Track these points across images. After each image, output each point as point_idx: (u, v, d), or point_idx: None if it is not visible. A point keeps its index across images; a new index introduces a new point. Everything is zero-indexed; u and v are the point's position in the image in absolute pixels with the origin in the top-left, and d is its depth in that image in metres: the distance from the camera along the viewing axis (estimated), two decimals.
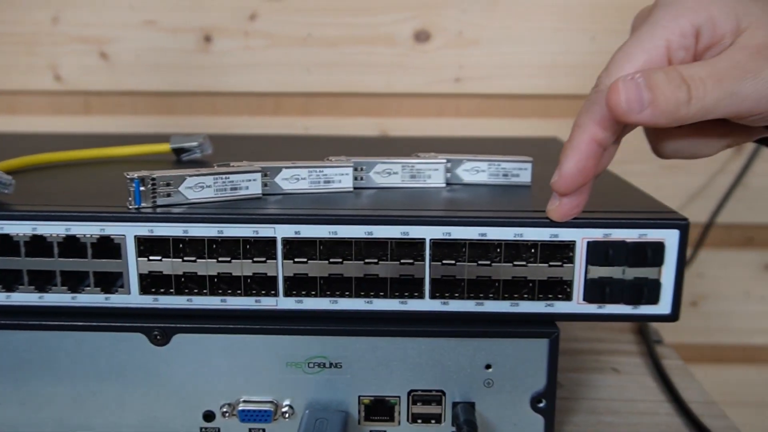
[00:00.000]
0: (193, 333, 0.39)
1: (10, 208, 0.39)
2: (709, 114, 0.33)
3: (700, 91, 0.33)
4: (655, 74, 0.33)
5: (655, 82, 0.33)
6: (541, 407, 0.40)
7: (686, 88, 0.33)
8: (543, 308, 0.39)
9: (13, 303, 0.39)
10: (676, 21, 0.34)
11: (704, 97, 0.33)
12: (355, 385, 0.39)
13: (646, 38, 0.35)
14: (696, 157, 0.40)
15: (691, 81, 0.33)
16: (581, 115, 0.37)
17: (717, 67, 0.33)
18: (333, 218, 0.38)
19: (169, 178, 0.39)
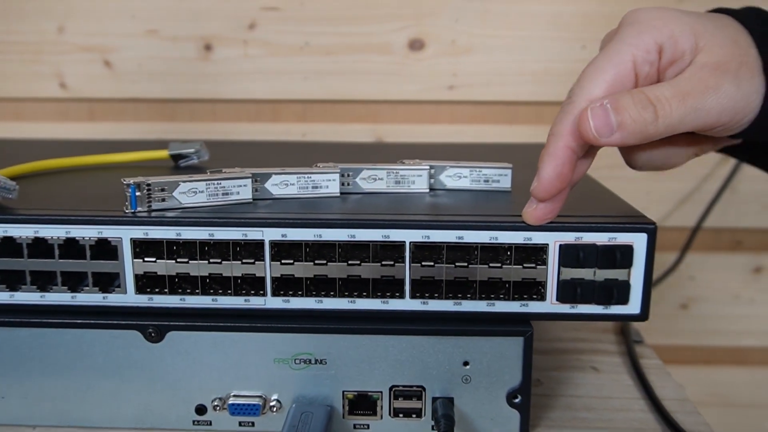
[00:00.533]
0: (186, 330, 0.41)
1: (13, 211, 0.41)
2: (676, 129, 0.36)
3: (666, 110, 0.35)
4: (622, 98, 0.35)
5: (622, 105, 0.35)
6: (516, 402, 0.41)
7: (652, 108, 0.35)
8: (518, 308, 0.40)
9: (16, 302, 0.41)
10: (641, 38, 0.36)
11: (670, 114, 0.35)
12: (339, 380, 0.41)
13: (614, 53, 0.37)
14: (667, 168, 0.42)
15: (656, 101, 0.35)
16: (556, 124, 0.39)
17: (681, 85, 0.35)
18: (318, 222, 0.40)
19: (163, 183, 0.41)
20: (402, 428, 0.42)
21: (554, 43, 0.79)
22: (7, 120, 0.84)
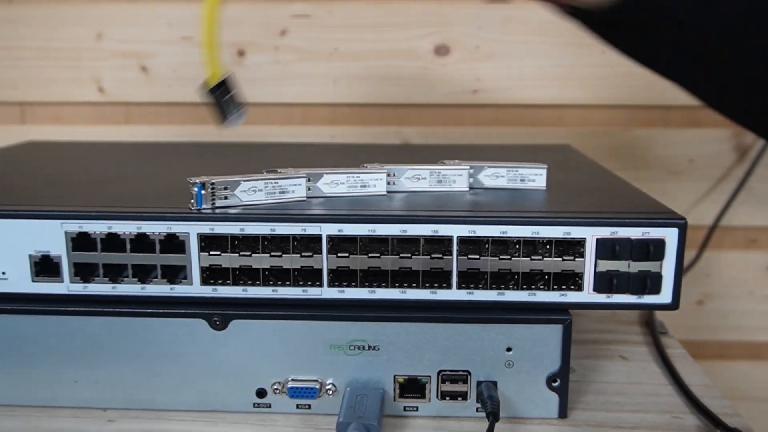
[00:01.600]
0: (248, 319, 0.44)
1: (88, 208, 0.44)
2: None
3: None
4: None
5: None
6: (555, 386, 0.44)
7: None
8: (557, 298, 0.43)
9: (90, 293, 0.44)
10: None
11: None
12: (390, 365, 0.44)
13: None
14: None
15: None
16: None
17: None
18: (371, 218, 0.43)
19: (226, 182, 0.44)
20: (448, 410, 0.45)
21: (573, 48, 0.82)
22: (47, 123, 0.88)
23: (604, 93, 0.83)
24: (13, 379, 0.46)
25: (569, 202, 0.48)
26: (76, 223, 0.44)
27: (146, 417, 0.45)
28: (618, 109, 0.84)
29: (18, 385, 0.46)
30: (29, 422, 0.45)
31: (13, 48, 0.85)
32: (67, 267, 0.44)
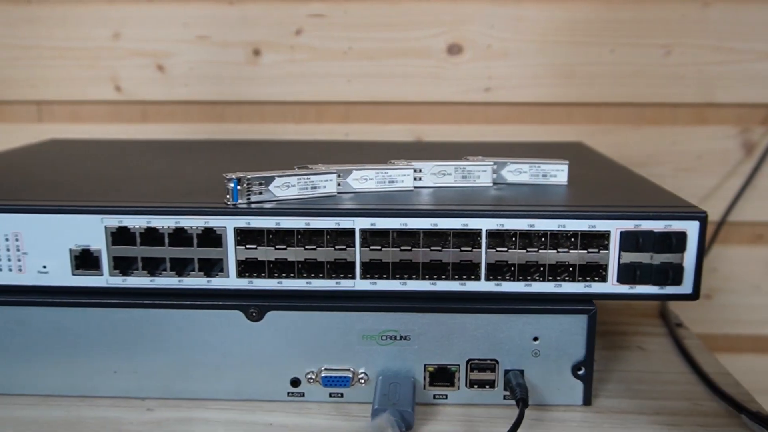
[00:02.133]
0: (284, 310, 0.46)
1: (128, 203, 0.45)
2: None
3: None
4: None
5: None
6: (580, 374, 0.46)
7: None
8: (582, 288, 0.45)
9: (129, 286, 0.46)
10: None
11: None
12: (421, 354, 0.46)
13: None
14: None
15: None
16: None
17: None
18: (403, 212, 0.44)
19: (260, 178, 0.46)
20: (477, 398, 0.47)
21: (583, 47, 0.84)
22: (64, 121, 0.89)
23: (613, 91, 0.85)
24: (54, 369, 0.47)
25: (591, 196, 0.49)
26: (116, 217, 0.45)
27: (184, 406, 0.47)
28: (627, 107, 0.86)
29: (59, 376, 0.47)
30: (71, 411, 0.46)
31: (31, 47, 0.86)
32: (106, 260, 0.46)
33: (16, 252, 0.46)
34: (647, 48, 0.83)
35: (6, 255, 0.46)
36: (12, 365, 0.47)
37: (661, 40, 0.83)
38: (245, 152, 0.69)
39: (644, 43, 0.83)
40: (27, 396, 0.48)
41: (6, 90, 0.88)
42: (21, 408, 0.46)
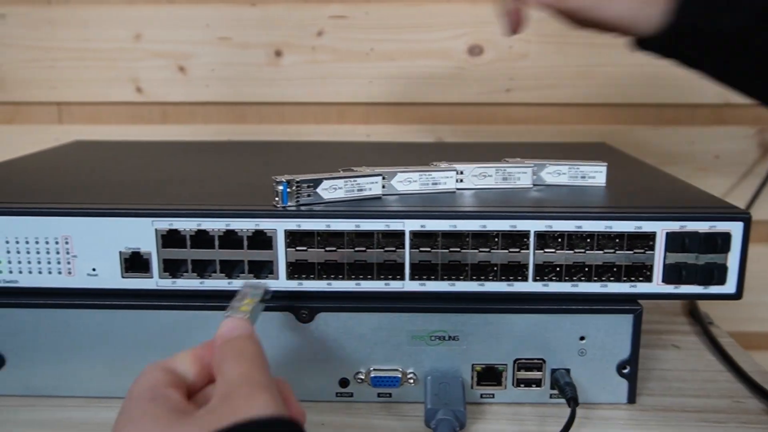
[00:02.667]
0: (334, 312, 0.46)
1: (179, 206, 0.45)
2: (581, 13, 0.48)
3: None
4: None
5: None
6: (625, 372, 0.47)
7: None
8: (627, 289, 0.46)
9: (178, 287, 0.46)
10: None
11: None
12: (469, 354, 0.47)
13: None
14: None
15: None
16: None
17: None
18: (452, 214, 0.45)
19: (309, 181, 0.46)
20: (523, 396, 0.47)
21: (603, 48, 0.84)
22: (84, 123, 0.89)
23: (632, 92, 0.86)
24: (102, 371, 0.48)
25: (632, 198, 0.50)
26: (167, 220, 0.45)
27: None
28: (645, 107, 0.87)
29: (107, 378, 0.48)
30: None
31: (52, 49, 0.86)
32: (156, 263, 0.46)
33: (66, 255, 0.46)
34: None
35: (56, 258, 0.46)
36: (61, 367, 0.48)
37: None
38: (274, 153, 0.69)
39: None
40: (75, 398, 0.48)
41: (26, 91, 0.87)
42: (70, 410, 0.47)
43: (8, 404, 0.47)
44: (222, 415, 0.30)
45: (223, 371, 0.33)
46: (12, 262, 0.46)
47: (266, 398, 0.31)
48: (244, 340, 0.36)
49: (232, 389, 0.32)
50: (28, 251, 0.46)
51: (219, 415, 0.30)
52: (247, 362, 0.34)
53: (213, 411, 0.31)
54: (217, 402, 0.31)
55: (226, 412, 0.30)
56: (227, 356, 0.34)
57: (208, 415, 0.31)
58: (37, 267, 0.46)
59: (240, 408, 0.30)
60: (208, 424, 0.30)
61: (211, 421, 0.30)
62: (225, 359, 0.34)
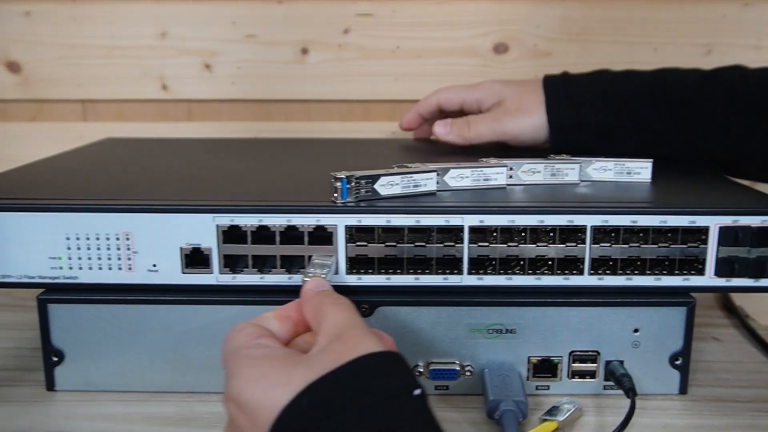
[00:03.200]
0: (394, 306, 0.47)
1: (240, 203, 0.46)
2: (485, 137, 0.64)
3: (476, 126, 0.64)
4: (455, 120, 0.66)
5: (453, 122, 0.66)
6: (678, 364, 0.48)
7: (467, 124, 0.64)
8: (681, 282, 0.47)
9: (238, 283, 0.47)
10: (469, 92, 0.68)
11: (477, 128, 0.64)
12: (525, 347, 0.47)
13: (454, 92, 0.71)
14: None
15: (472, 122, 0.64)
16: (421, 103, 0.73)
17: (486, 115, 0.65)
18: (511, 209, 0.46)
19: (367, 177, 0.47)
20: (578, 388, 0.48)
21: (626, 46, 0.85)
22: (110, 120, 0.89)
23: None
24: (163, 366, 0.48)
25: (681, 193, 0.51)
26: (228, 216, 0.46)
27: None
28: None
29: (167, 373, 0.48)
30: (182, 407, 0.47)
31: (77, 46, 0.86)
32: (216, 258, 0.46)
33: (126, 251, 0.47)
34: (688, 47, 0.85)
35: (116, 254, 0.47)
36: (120, 363, 0.48)
37: (702, 39, 0.85)
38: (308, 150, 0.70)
39: (685, 42, 0.85)
40: (134, 393, 0.48)
41: (51, 89, 0.87)
42: (131, 404, 0.47)
43: (68, 399, 0.48)
44: (339, 353, 0.33)
45: (327, 317, 0.36)
46: (72, 259, 0.47)
47: (374, 339, 0.34)
48: (334, 293, 0.40)
49: (342, 331, 0.35)
50: (89, 247, 0.47)
51: (336, 353, 0.33)
52: (347, 309, 0.37)
53: (327, 351, 0.34)
54: (327, 343, 0.34)
55: (343, 350, 0.33)
56: (326, 305, 0.38)
57: (323, 354, 0.34)
58: (98, 263, 0.47)
59: (356, 346, 0.33)
60: (325, 362, 0.32)
61: (327, 360, 0.33)
62: (325, 307, 0.37)
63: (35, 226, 0.46)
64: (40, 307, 0.47)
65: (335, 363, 0.32)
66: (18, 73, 0.87)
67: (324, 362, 0.32)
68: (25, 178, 0.55)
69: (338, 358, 0.32)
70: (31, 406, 0.47)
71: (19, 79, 0.87)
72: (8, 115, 0.89)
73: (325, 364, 0.32)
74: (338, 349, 0.33)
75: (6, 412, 0.46)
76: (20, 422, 0.45)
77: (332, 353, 0.33)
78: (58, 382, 0.49)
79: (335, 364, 0.32)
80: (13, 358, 0.54)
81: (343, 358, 0.32)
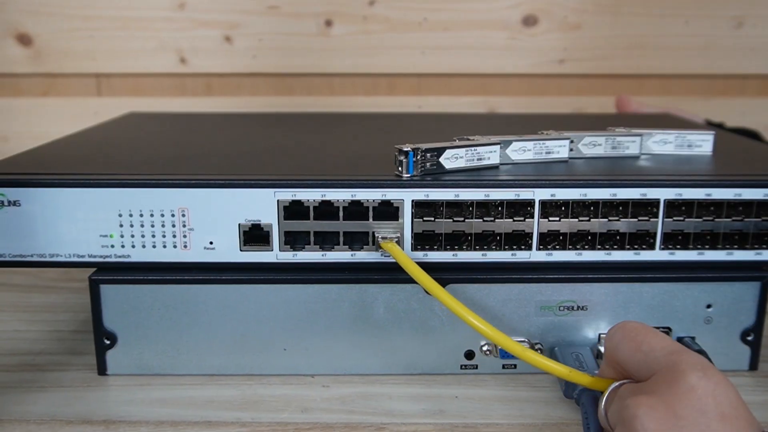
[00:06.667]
0: (462, 283, 0.45)
1: (303, 177, 0.44)
2: None
3: None
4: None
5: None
6: (749, 340, 0.47)
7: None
8: (753, 256, 0.46)
9: (299, 260, 0.45)
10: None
11: None
12: (596, 324, 0.46)
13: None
14: None
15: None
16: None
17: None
18: (583, 182, 0.44)
19: (433, 150, 0.45)
20: None
21: (657, 18, 0.84)
22: (126, 95, 0.86)
23: (684, 63, 0.86)
24: (221, 348, 0.46)
25: (748, 165, 0.50)
26: (290, 191, 0.44)
27: (358, 382, 0.46)
28: (697, 78, 0.87)
29: (225, 355, 0.46)
30: (244, 390, 0.45)
31: (91, 18, 0.83)
32: (277, 235, 0.44)
33: (182, 228, 0.45)
34: (719, 20, 0.84)
35: (171, 231, 0.44)
36: (175, 345, 0.46)
37: (733, 12, 0.84)
38: (355, 125, 0.67)
39: (716, 15, 0.84)
40: (191, 376, 0.47)
41: (63, 63, 0.84)
42: (190, 388, 0.45)
43: (122, 383, 0.46)
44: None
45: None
46: (124, 236, 0.45)
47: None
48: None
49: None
50: (142, 224, 0.44)
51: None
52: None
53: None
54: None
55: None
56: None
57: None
58: (151, 241, 0.45)
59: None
60: None
61: None
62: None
63: (86, 202, 0.44)
64: (92, 288, 0.45)
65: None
66: (29, 46, 0.83)
67: None
68: (63, 153, 0.53)
69: None
70: (86, 391, 0.45)
71: (30, 53, 0.84)
72: (19, 89, 0.86)
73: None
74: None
75: (59, 398, 0.44)
76: (76, 408, 0.43)
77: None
78: (109, 366, 0.47)
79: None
80: (57, 341, 0.52)
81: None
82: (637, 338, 0.35)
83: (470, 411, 0.43)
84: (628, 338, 0.35)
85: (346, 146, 0.57)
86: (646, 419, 0.31)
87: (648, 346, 0.34)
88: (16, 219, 0.44)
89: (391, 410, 0.43)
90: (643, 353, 0.34)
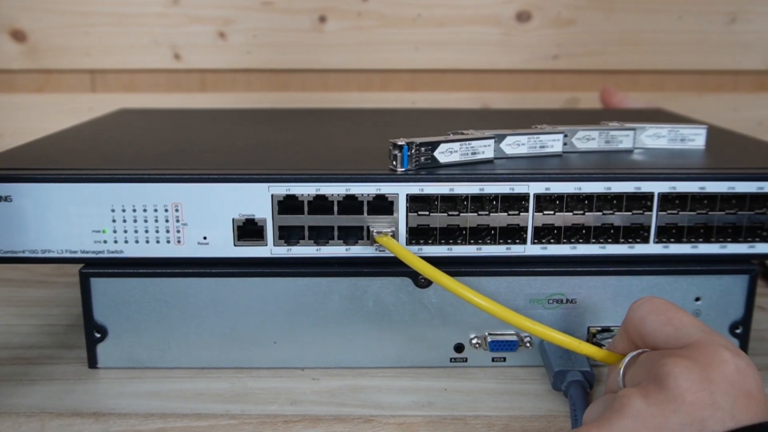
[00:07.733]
0: (453, 276, 0.45)
1: (297, 171, 0.44)
2: None
3: None
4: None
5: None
6: (738, 333, 0.47)
7: None
8: (746, 249, 0.46)
9: (293, 255, 0.45)
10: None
11: None
12: (586, 317, 0.46)
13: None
14: None
15: None
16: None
17: None
18: (578, 176, 0.44)
19: (427, 144, 0.45)
20: None
21: (650, 14, 0.84)
22: (120, 91, 0.86)
23: (677, 58, 0.86)
24: (213, 341, 0.46)
25: (741, 159, 0.50)
26: (284, 186, 0.44)
27: (347, 375, 0.46)
28: (690, 74, 0.87)
29: (215, 348, 0.46)
30: (234, 383, 0.45)
31: (86, 14, 0.83)
32: (271, 230, 0.44)
33: (176, 223, 0.44)
34: (713, 15, 0.84)
35: (164, 226, 0.44)
36: (167, 339, 0.46)
37: (727, 7, 0.84)
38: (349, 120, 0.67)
39: (710, 10, 0.84)
40: (180, 369, 0.47)
41: (58, 59, 0.84)
42: (180, 381, 0.45)
43: (113, 376, 0.46)
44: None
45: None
46: (117, 232, 0.45)
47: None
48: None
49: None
50: (135, 220, 0.44)
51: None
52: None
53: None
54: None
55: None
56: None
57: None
58: (144, 236, 0.45)
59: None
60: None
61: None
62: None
63: (78, 197, 0.44)
64: (82, 282, 0.45)
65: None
66: (24, 41, 0.83)
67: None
68: (54, 148, 0.53)
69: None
70: (76, 384, 0.45)
71: (24, 48, 0.83)
72: (14, 86, 0.85)
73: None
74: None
75: (50, 390, 0.44)
76: (66, 401, 0.43)
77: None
78: (100, 360, 0.47)
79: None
80: (49, 335, 0.52)
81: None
82: (668, 313, 0.37)
83: (459, 403, 0.43)
84: (656, 311, 0.37)
85: (341, 141, 0.57)
86: (681, 378, 0.32)
87: (679, 321, 0.36)
88: (7, 215, 0.44)
89: (380, 403, 0.43)
90: (674, 327, 0.36)
